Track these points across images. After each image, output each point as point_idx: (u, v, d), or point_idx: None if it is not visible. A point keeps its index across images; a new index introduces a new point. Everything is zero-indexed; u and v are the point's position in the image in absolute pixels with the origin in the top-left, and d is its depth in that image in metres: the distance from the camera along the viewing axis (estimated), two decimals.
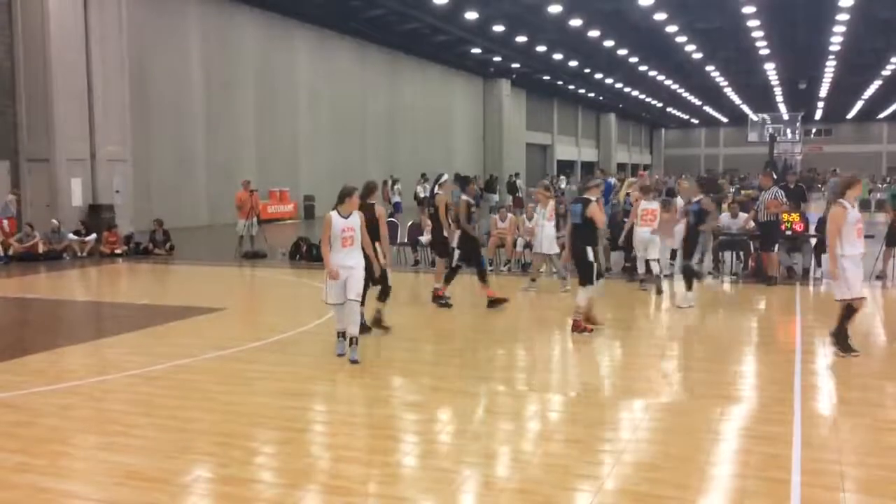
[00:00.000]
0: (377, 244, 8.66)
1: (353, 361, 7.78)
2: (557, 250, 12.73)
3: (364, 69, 36.79)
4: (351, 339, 7.89)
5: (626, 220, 13.39)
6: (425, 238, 15.29)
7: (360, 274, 7.95)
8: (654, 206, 12.70)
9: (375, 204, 9.15)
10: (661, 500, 4.65)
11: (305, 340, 8.99)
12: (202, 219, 26.69)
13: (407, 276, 14.67)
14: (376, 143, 37.92)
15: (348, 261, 7.88)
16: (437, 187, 11.34)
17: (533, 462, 5.33)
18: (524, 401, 6.81)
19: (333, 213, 7.95)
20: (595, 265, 9.16)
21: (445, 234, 11.23)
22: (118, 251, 18.43)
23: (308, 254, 16.82)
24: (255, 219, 17.83)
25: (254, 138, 29.82)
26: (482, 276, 11.13)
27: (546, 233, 12.71)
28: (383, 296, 9.16)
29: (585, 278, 9.16)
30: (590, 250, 9.11)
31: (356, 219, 7.97)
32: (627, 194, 14.69)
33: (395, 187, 32.09)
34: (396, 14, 31.33)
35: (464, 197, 11.18)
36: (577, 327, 9.25)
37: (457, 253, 11.10)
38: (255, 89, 29.87)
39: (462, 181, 11.97)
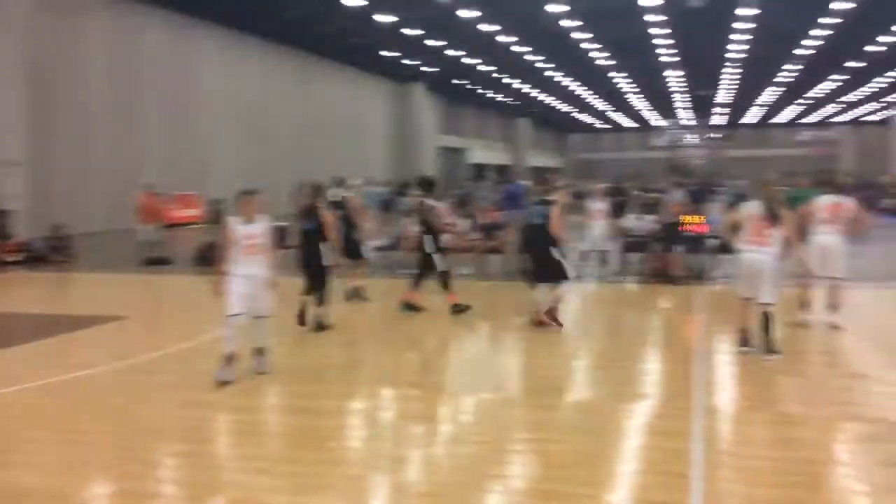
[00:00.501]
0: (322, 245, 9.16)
1: (261, 373, 7.41)
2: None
3: (275, 71, 36.22)
4: (261, 349, 7.50)
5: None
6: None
7: (264, 287, 7.31)
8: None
9: (321, 208, 9.39)
10: (568, 498, 4.73)
11: (209, 349, 8.75)
12: (104, 224, 25.70)
13: None
14: (288, 146, 37.38)
15: (253, 271, 7.25)
16: (345, 189, 11.48)
17: (443, 464, 5.34)
18: (435, 403, 6.82)
19: (233, 219, 7.36)
20: (563, 262, 9.50)
21: (356, 236, 11.26)
22: (14, 259, 17.55)
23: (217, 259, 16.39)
24: (159, 224, 17.33)
25: (159, 141, 28.96)
26: (445, 284, 10.68)
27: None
28: (320, 297, 9.42)
29: (560, 276, 9.47)
30: (554, 250, 9.40)
31: (261, 225, 7.36)
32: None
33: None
34: (307, 16, 30.99)
35: (431, 202, 10.84)
36: (545, 320, 9.64)
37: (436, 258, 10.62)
38: (161, 91, 29.02)
39: (426, 184, 11.30)
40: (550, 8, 28.91)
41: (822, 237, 9.32)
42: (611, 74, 45.97)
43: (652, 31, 33.42)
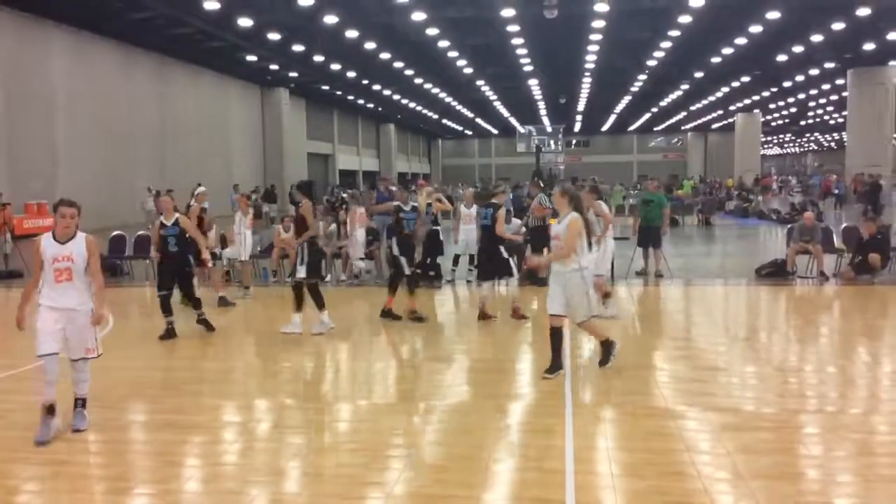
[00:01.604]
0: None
1: (77, 430, 6.08)
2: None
3: (130, 74, 34.64)
4: (82, 399, 6.20)
5: (436, 226, 14.08)
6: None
7: (83, 321, 6.03)
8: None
9: (180, 213, 10.10)
10: (448, 500, 4.78)
11: (69, 365, 8.26)
12: None
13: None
14: (146, 152, 35.83)
15: (65, 301, 5.97)
16: (192, 199, 11.85)
17: (322, 474, 5.28)
18: (312, 413, 6.72)
19: (45, 237, 6.10)
20: (509, 259, 10.61)
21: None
22: None
23: None
24: (8, 235, 16.26)
25: (5, 148, 27.07)
26: (393, 288, 10.77)
27: (247, 241, 13.66)
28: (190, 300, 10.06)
29: (506, 272, 10.60)
30: (502, 248, 10.52)
31: (77, 245, 6.02)
32: (429, 204, 14.91)
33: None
34: (164, 17, 29.81)
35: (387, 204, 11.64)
36: (515, 314, 10.53)
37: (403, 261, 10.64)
38: (5, 94, 27.13)
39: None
40: (413, 16, 29.16)
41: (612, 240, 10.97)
42: (474, 82, 46.83)
43: (512, 41, 34.32)
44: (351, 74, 43.00)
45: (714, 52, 37.29)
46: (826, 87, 49.99)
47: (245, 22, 29.74)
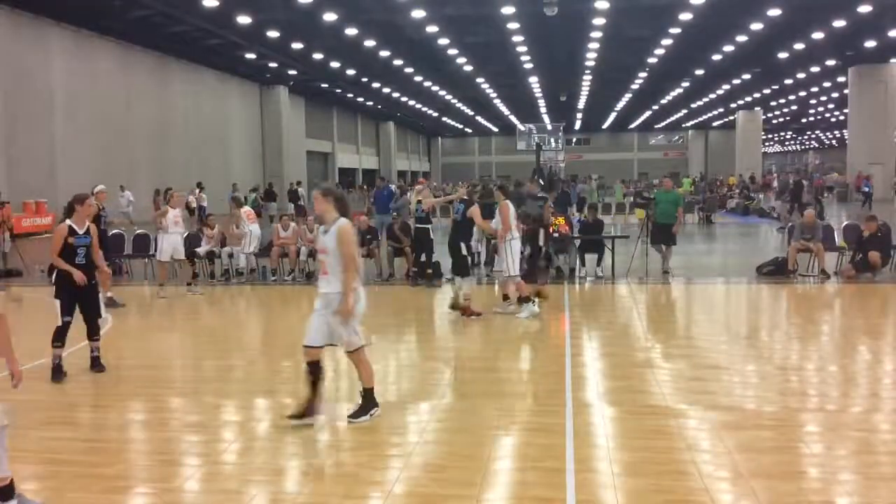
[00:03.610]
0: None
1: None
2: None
3: (129, 72, 34.58)
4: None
5: (419, 225, 13.94)
6: (203, 249, 15.41)
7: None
8: None
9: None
10: (448, 500, 4.76)
11: (68, 364, 8.25)
12: None
13: (182, 290, 13.96)
14: (146, 150, 35.79)
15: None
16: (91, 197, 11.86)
17: (322, 473, 5.26)
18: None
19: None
20: (468, 258, 10.76)
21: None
22: None
23: None
24: (7, 234, 16.23)
25: (3, 146, 27.03)
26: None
27: (251, 236, 14.49)
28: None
29: (462, 270, 10.70)
30: (464, 245, 10.60)
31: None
32: (419, 202, 14.91)
33: (201, 194, 31.91)
34: (163, 15, 29.75)
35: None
36: (465, 312, 10.50)
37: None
38: (4, 93, 27.07)
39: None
40: (412, 13, 29.13)
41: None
42: (475, 79, 46.79)
43: (512, 38, 34.28)
44: (350, 72, 42.97)
45: (715, 50, 37.25)
46: (827, 84, 49.96)
47: (244, 20, 29.71)
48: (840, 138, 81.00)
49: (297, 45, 35.14)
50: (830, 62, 40.94)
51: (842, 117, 62.49)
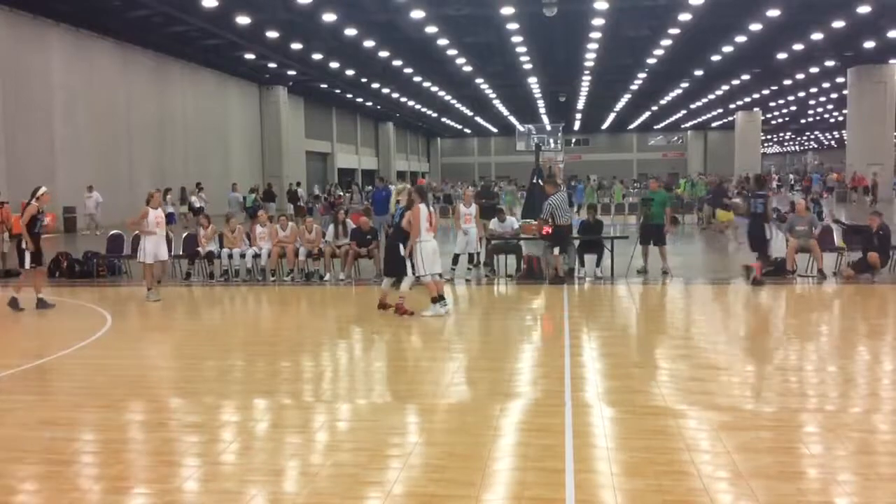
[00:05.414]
0: None
1: None
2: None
3: (128, 72, 34.59)
4: None
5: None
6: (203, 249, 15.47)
7: None
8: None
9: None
10: (447, 500, 4.76)
11: (68, 365, 8.27)
12: None
13: (180, 290, 13.97)
14: (145, 151, 35.79)
15: None
16: (33, 198, 11.82)
17: (321, 474, 5.25)
18: (311, 412, 6.70)
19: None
20: (406, 260, 10.77)
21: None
22: None
23: (69, 270, 15.60)
24: (6, 234, 16.23)
25: (2, 146, 27.00)
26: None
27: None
28: None
29: (399, 270, 10.84)
30: (401, 246, 10.74)
31: None
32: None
33: (200, 194, 31.75)
34: (162, 15, 29.78)
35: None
36: (399, 310, 10.72)
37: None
38: (3, 93, 27.06)
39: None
40: (412, 14, 29.14)
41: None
42: (474, 80, 46.80)
43: (512, 39, 34.29)
44: (350, 72, 42.97)
45: (714, 50, 37.28)
46: (826, 84, 49.99)
47: (243, 20, 29.71)
48: (839, 139, 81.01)
49: (296, 46, 35.13)
50: (829, 63, 40.97)
51: (841, 118, 62.56)
